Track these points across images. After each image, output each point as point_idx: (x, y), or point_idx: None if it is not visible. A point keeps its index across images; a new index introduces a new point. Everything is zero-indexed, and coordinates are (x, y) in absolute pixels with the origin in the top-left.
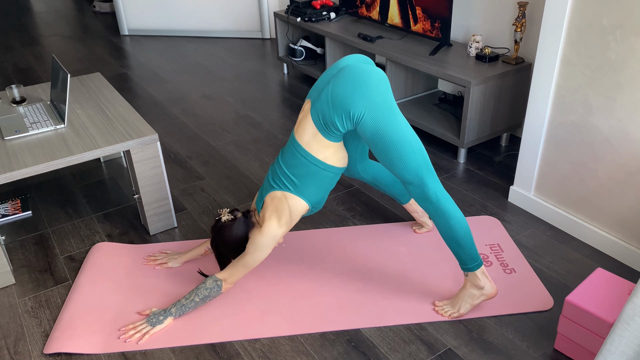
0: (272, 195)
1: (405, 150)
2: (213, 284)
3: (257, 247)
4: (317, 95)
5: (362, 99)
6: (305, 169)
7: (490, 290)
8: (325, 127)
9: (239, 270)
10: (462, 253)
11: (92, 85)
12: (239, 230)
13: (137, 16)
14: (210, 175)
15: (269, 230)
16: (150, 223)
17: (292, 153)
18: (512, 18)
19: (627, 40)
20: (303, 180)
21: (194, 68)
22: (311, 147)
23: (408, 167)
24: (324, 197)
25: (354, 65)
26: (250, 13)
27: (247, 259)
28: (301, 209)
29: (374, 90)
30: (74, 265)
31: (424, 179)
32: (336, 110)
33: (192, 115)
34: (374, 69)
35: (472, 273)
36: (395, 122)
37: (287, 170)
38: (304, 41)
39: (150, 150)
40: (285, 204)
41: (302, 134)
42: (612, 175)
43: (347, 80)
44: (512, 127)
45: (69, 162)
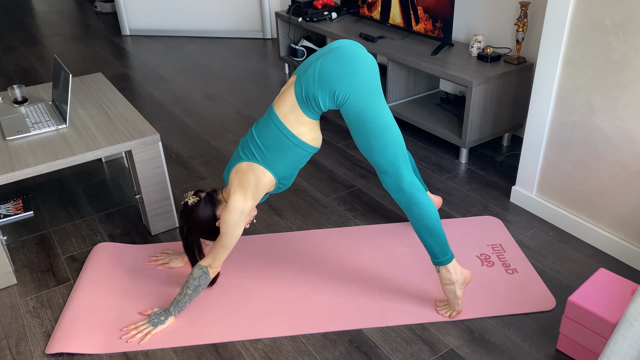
0: (237, 167)
1: (387, 137)
2: (199, 272)
3: (229, 226)
4: (304, 70)
5: (349, 81)
6: (278, 142)
7: (464, 277)
8: (306, 102)
9: (220, 253)
10: (435, 245)
11: (93, 86)
12: (205, 211)
13: (139, 16)
14: (211, 175)
15: (236, 205)
16: (151, 223)
17: (267, 123)
18: (514, 18)
19: (630, 40)
20: (273, 152)
21: (195, 68)
22: (288, 120)
23: (386, 154)
24: (292, 175)
25: (345, 47)
26: (251, 13)
27: (223, 240)
28: (267, 181)
29: (362, 74)
30: (76, 265)
31: (399, 169)
32: (321, 87)
33: (194, 115)
34: (365, 53)
35: (444, 267)
36: (380, 108)
37: (259, 140)
38: (305, 41)
39: (152, 151)
40: (251, 175)
41: (280, 105)
42: (615, 175)
43: (336, 60)
44: (513, 127)
45: (71, 162)
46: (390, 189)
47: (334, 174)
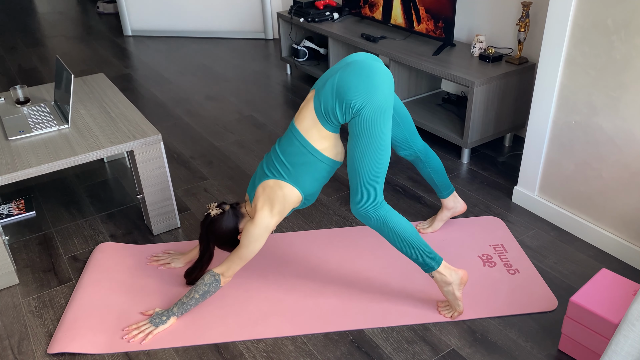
0: (264, 184)
1: (380, 157)
2: (211, 278)
3: (251, 239)
4: (322, 85)
5: (365, 93)
6: (302, 158)
7: (460, 278)
8: (325, 116)
9: (235, 263)
10: (419, 255)
11: (95, 86)
12: (228, 223)
13: (141, 17)
14: (213, 175)
15: (262, 220)
16: (153, 223)
17: (290, 140)
18: (516, 18)
19: (632, 39)
20: (298, 169)
21: (197, 69)
22: (310, 136)
23: (372, 171)
24: (317, 190)
25: (363, 61)
26: (253, 14)
27: (242, 252)
28: (294, 198)
29: (378, 89)
30: (78, 265)
31: (376, 189)
32: (339, 99)
33: (196, 116)
34: (382, 68)
35: (436, 272)
36: (386, 127)
37: (283, 157)
38: (307, 42)
39: (154, 151)
40: (279, 193)
41: (301, 121)
42: (617, 175)
43: (354, 73)
44: (515, 127)
45: (73, 162)
46: (357, 212)
47: (335, 174)
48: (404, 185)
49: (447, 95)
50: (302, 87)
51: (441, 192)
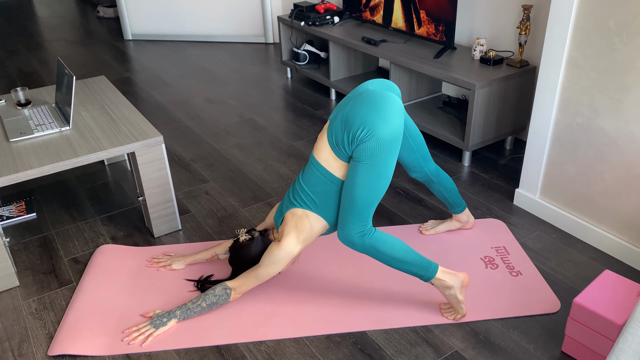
0: (293, 212)
1: (378, 185)
2: (222, 291)
3: (272, 261)
4: (334, 116)
5: (371, 124)
6: (324, 187)
7: (461, 281)
8: (337, 147)
9: (249, 281)
10: (413, 268)
11: (96, 88)
12: (257, 249)
13: (141, 21)
14: (214, 178)
15: (287, 245)
16: (154, 225)
17: (312, 171)
18: (516, 21)
19: (633, 41)
20: (322, 199)
21: (197, 72)
22: (329, 165)
23: (367, 198)
24: None
25: (374, 90)
26: (253, 18)
27: (260, 271)
28: (321, 228)
29: (385, 120)
30: (78, 267)
31: (367, 217)
32: (346, 130)
33: (196, 119)
34: (393, 98)
35: (435, 279)
36: (390, 159)
37: (307, 188)
38: (307, 45)
39: (155, 153)
40: (307, 222)
41: (319, 152)
42: (619, 177)
43: (363, 103)
44: (516, 130)
45: (74, 163)
46: (346, 239)
47: None
48: (406, 188)
49: (447, 98)
50: (302, 91)
51: (454, 209)
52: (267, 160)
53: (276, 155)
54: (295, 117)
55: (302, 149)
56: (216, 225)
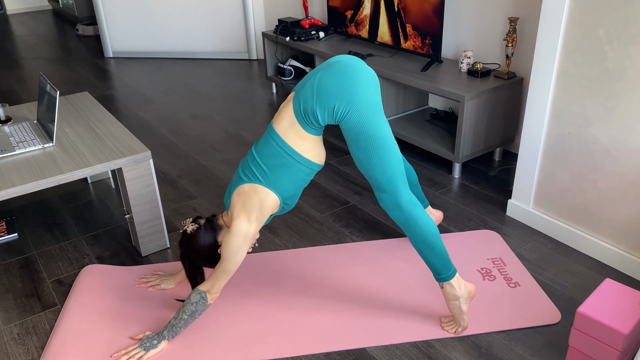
0: (239, 189)
1: (387, 154)
2: (197, 297)
3: (231, 251)
4: (302, 85)
5: (349, 95)
6: (279, 160)
7: (468, 292)
8: (305, 117)
9: (219, 279)
10: (437, 261)
11: (80, 104)
12: (206, 237)
13: (122, 38)
14: (202, 194)
15: (240, 229)
16: (142, 244)
17: (267, 141)
18: (501, 34)
19: (624, 49)
20: (275, 171)
21: (181, 89)
22: (288, 137)
23: (386, 171)
24: (296, 194)
25: (345, 62)
26: (236, 34)
27: (225, 265)
28: (272, 203)
29: (362, 88)
30: (63, 289)
31: (398, 187)
32: (320, 101)
33: (181, 135)
34: (365, 67)
35: (448, 283)
36: (381, 124)
37: (259, 159)
38: (293, 61)
39: (143, 168)
40: (255, 197)
41: (280, 122)
42: (613, 185)
43: (336, 74)
44: (505, 141)
45: (59, 180)
46: (387, 207)
47: (327, 190)
48: None
49: (435, 111)
50: None
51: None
52: None
53: None
54: None
55: None
56: None
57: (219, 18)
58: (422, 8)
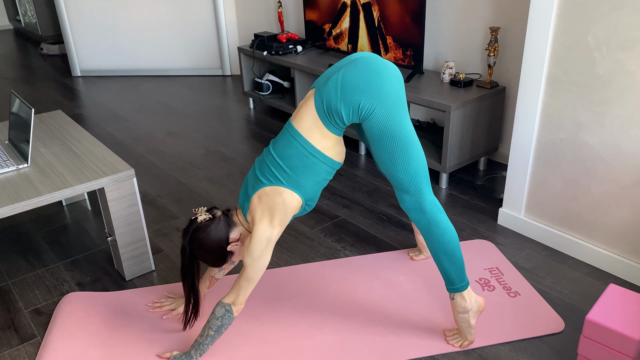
0: (260, 192)
1: (411, 153)
2: (222, 310)
3: (254, 256)
4: (324, 82)
5: (375, 92)
6: (302, 160)
7: (478, 305)
8: (328, 115)
9: (243, 288)
10: (453, 270)
11: (54, 123)
12: (219, 231)
13: (90, 57)
14: (184, 213)
15: (263, 233)
16: (126, 267)
17: (288, 141)
18: (482, 44)
19: (613, 55)
20: (298, 172)
21: (154, 106)
22: (311, 136)
23: (410, 171)
24: (317, 195)
25: (369, 58)
26: (210, 50)
27: (248, 273)
28: (296, 204)
29: (388, 85)
30: (42, 319)
31: (422, 188)
32: (344, 99)
33: (158, 154)
34: (389, 64)
35: (459, 294)
36: (405, 122)
37: (280, 161)
38: (270, 75)
39: (126, 188)
40: (278, 200)
41: (300, 120)
42: (606, 190)
43: (361, 70)
44: (489, 151)
45: (37, 203)
46: (409, 209)
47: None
48: (388, 214)
49: (417, 122)
50: (267, 121)
51: None
52: (239, 192)
53: None
54: (263, 147)
55: None
56: None
57: (191, 34)
58: (402, 19)
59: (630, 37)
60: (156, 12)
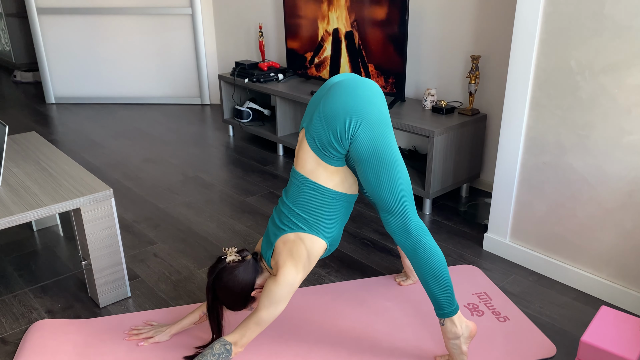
0: (284, 238)
1: (396, 174)
2: (221, 348)
3: (273, 300)
4: (309, 120)
5: (356, 110)
6: (317, 202)
7: (469, 331)
8: (324, 150)
9: (250, 330)
10: (442, 294)
11: (27, 144)
12: (246, 274)
13: (65, 84)
14: (162, 239)
15: (286, 278)
16: (100, 293)
17: (299, 188)
18: (462, 72)
19: (596, 79)
20: (316, 216)
21: (131, 132)
22: (318, 177)
23: (395, 191)
24: (339, 232)
25: (345, 81)
26: (188, 79)
27: (261, 315)
28: (320, 249)
29: (368, 103)
30: (8, 349)
31: (406, 209)
32: (330, 127)
33: (135, 179)
34: (367, 80)
35: (449, 319)
36: (390, 140)
37: (295, 208)
38: (250, 103)
39: (104, 209)
40: (302, 246)
41: (303, 165)
42: (592, 213)
43: (339, 95)
44: (471, 178)
45: (8, 223)
46: (395, 231)
47: None
48: (372, 239)
49: (399, 149)
50: (247, 148)
51: None
52: (219, 218)
53: (229, 212)
54: (243, 174)
55: (256, 204)
56: (171, 290)
57: (170, 63)
58: (385, 48)
59: (611, 61)
60: (135, 41)
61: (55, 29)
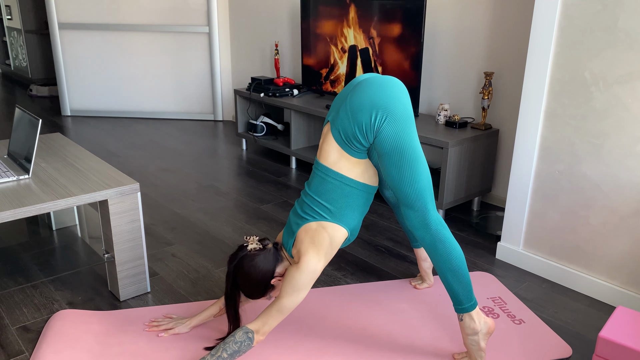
0: (306, 227)
1: (418, 169)
2: (244, 336)
3: (296, 287)
4: (335, 113)
5: (382, 106)
6: (339, 192)
7: (488, 327)
8: (348, 143)
9: (273, 317)
10: (460, 289)
11: (54, 144)
12: (267, 263)
13: (82, 97)
14: (179, 240)
15: (308, 265)
16: (121, 287)
17: (321, 179)
18: (475, 88)
19: (610, 89)
20: (338, 205)
21: (146, 145)
22: (340, 167)
23: (416, 186)
24: (359, 222)
25: (371, 78)
26: (202, 95)
27: (283, 303)
28: (341, 237)
29: (395, 99)
30: (30, 336)
31: (427, 204)
32: (356, 120)
33: (151, 186)
34: (394, 79)
35: (468, 315)
36: (413, 136)
37: (318, 198)
38: (265, 117)
39: (130, 202)
40: (324, 234)
41: (326, 156)
42: (605, 221)
43: (366, 90)
44: (483, 191)
45: (40, 210)
46: (415, 226)
47: None
48: (387, 246)
49: None
50: (260, 160)
51: (416, 240)
52: (235, 222)
53: (244, 218)
54: (257, 184)
55: (271, 211)
56: (189, 287)
57: (185, 80)
58: (400, 64)
59: (625, 71)
60: (152, 57)
61: (74, 43)
